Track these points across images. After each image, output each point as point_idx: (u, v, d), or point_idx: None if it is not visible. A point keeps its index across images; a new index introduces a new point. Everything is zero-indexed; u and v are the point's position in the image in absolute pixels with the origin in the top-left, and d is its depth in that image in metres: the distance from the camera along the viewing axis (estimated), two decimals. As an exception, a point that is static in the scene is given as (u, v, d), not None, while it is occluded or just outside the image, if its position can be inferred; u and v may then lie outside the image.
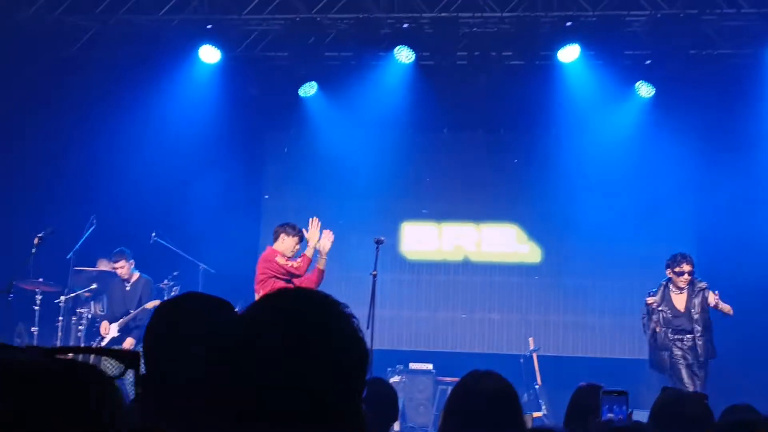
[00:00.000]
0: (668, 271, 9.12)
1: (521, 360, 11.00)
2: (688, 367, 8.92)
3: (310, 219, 8.61)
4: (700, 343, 8.91)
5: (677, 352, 8.98)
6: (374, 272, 8.57)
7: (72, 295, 10.54)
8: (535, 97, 11.63)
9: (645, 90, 11.26)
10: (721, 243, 11.09)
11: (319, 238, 8.45)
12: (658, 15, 10.49)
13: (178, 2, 11.03)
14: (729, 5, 10.39)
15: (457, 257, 12.54)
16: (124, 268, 10.32)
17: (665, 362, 9.04)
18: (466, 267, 12.51)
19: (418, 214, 12.61)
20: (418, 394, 10.94)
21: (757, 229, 10.57)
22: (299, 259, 8.43)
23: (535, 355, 10.98)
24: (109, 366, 1.42)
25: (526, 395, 10.43)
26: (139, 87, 11.39)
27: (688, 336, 8.98)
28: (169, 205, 11.60)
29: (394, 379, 10.81)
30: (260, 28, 11.46)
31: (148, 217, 11.16)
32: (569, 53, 10.91)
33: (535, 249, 12.40)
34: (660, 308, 9.08)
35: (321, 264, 8.47)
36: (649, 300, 9.14)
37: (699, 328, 8.94)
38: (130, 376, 1.49)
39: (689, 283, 9.07)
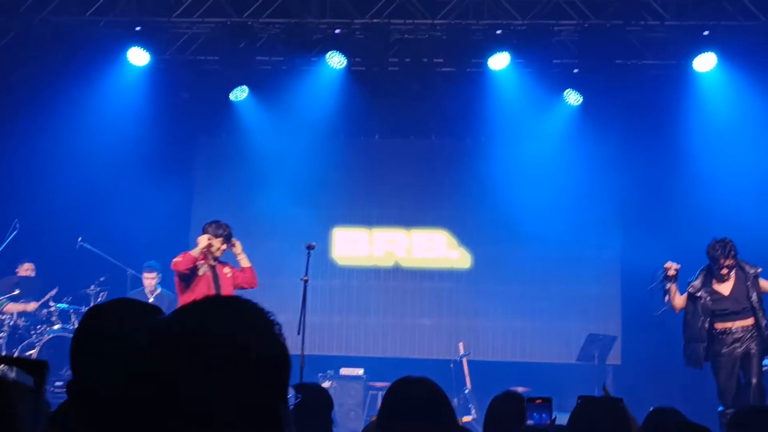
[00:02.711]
0: (711, 260, 8.23)
1: (451, 365, 11.06)
2: (734, 362, 8.05)
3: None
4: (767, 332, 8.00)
5: (723, 350, 8.09)
6: (305, 278, 8.52)
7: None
8: (466, 104, 11.74)
9: (573, 98, 11.45)
10: (645, 246, 11.31)
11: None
12: (586, 25, 10.68)
13: (105, 3, 10.83)
14: (653, 17, 10.63)
15: (387, 263, 12.56)
16: (154, 279, 10.53)
17: (700, 356, 8.19)
18: (397, 272, 12.54)
19: (349, 220, 12.60)
20: (349, 400, 10.94)
21: (679, 232, 10.82)
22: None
23: (465, 360, 11.06)
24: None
25: (456, 400, 10.49)
26: (65, 88, 11.15)
27: (741, 322, 8.08)
28: (96, 209, 11.38)
29: (324, 385, 10.77)
30: (190, 32, 11.32)
31: (74, 221, 10.94)
32: (499, 61, 11.03)
33: (465, 255, 12.49)
34: (699, 294, 8.19)
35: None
36: (668, 265, 8.26)
37: (761, 314, 8.02)
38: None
39: (738, 267, 8.19)
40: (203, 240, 8.36)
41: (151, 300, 10.22)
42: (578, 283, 11.88)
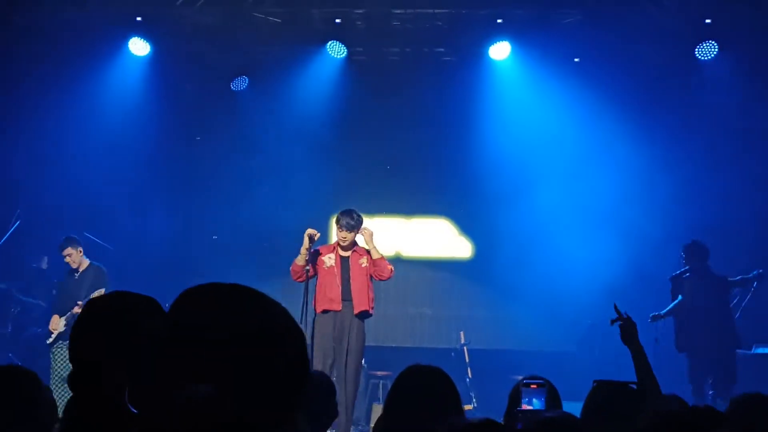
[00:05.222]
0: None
1: (452, 354, 11.10)
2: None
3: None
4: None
5: None
6: (308, 267, 8.51)
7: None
8: (468, 93, 11.74)
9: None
10: (650, 231, 11.27)
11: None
12: (587, 13, 10.66)
13: (106, -6, 10.82)
14: (654, 5, 10.59)
15: (389, 252, 12.54)
16: (71, 255, 9.45)
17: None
18: (398, 262, 12.49)
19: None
20: (351, 389, 10.94)
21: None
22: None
23: (465, 349, 11.10)
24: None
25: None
26: (66, 80, 11.14)
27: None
28: (98, 201, 11.37)
29: (326, 374, 10.81)
30: (192, 22, 11.29)
31: (75, 213, 10.95)
32: (500, 50, 11.03)
33: (467, 244, 12.50)
34: None
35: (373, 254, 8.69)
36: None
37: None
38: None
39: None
40: (305, 241, 8.42)
41: (76, 277, 9.52)
42: (580, 272, 11.80)
